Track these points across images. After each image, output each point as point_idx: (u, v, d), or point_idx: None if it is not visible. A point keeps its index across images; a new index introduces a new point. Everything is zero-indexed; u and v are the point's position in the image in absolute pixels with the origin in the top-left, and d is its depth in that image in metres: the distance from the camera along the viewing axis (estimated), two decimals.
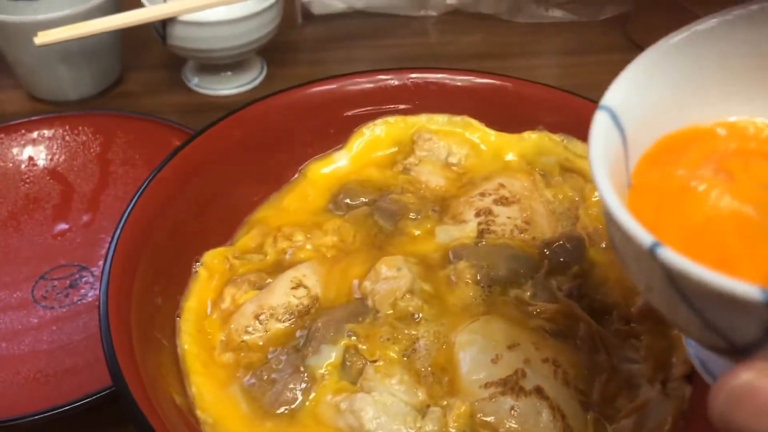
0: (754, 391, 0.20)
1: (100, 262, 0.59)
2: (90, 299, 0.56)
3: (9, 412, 0.45)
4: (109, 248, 0.39)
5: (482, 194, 0.49)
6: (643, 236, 0.24)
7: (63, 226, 0.62)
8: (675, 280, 0.24)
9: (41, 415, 0.43)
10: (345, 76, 0.53)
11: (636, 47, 0.87)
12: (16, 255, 0.59)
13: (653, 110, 0.31)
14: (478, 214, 0.47)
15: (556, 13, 0.93)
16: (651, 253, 0.24)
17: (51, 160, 0.65)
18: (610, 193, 0.26)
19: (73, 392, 0.47)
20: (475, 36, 0.92)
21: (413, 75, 0.53)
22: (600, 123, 0.29)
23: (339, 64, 0.88)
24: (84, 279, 0.58)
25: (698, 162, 0.30)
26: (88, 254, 0.60)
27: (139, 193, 0.42)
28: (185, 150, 0.46)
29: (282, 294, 0.43)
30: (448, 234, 0.47)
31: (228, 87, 0.80)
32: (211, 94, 0.80)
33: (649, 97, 0.31)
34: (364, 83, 0.53)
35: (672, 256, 0.23)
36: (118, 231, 0.40)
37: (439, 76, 0.53)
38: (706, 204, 0.29)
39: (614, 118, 0.30)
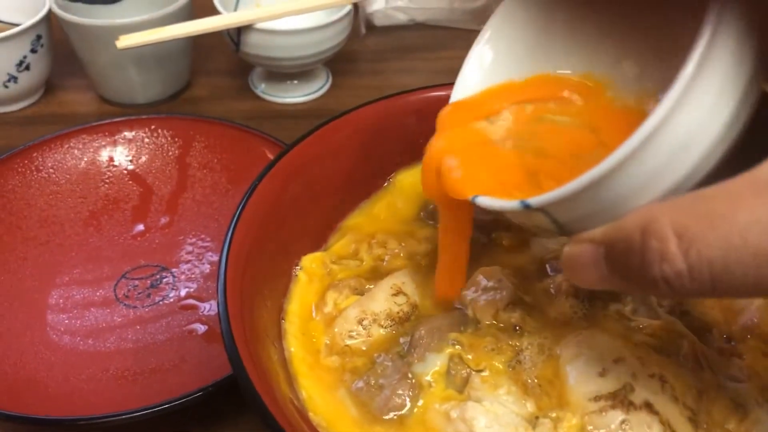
0: (570, 256, 0.30)
1: (181, 264, 0.60)
2: (171, 300, 0.57)
3: (105, 408, 0.45)
4: (222, 249, 0.40)
5: None
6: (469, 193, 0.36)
7: (141, 228, 0.63)
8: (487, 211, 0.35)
9: (143, 412, 0.44)
10: (435, 87, 0.53)
11: None
12: (98, 254, 0.60)
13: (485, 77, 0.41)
14: None
15: None
16: (472, 203, 0.36)
17: (131, 161, 0.66)
18: None
19: (163, 391, 0.48)
20: None
21: None
22: None
23: (400, 75, 0.89)
24: (165, 279, 0.59)
25: (494, 106, 0.41)
26: (168, 256, 0.61)
27: (247, 196, 0.43)
28: (287, 156, 0.46)
29: (383, 300, 0.43)
30: (543, 246, 0.47)
31: (294, 95, 0.81)
32: (277, 101, 0.81)
33: (482, 73, 0.41)
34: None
35: (479, 200, 0.35)
36: (231, 231, 0.40)
37: None
38: (490, 137, 0.40)
39: None
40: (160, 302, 0.57)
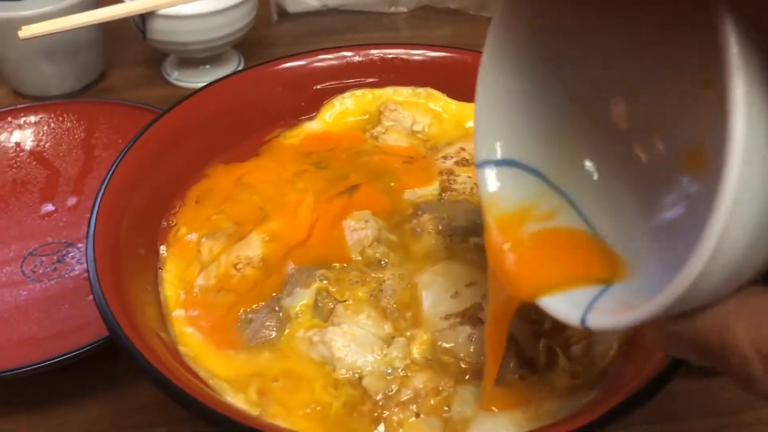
0: (655, 340, 0.29)
1: None
2: (77, 272, 0.59)
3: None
4: (94, 205, 0.42)
5: (444, 157, 0.53)
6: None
7: (49, 208, 0.65)
8: None
9: (33, 367, 0.46)
10: (314, 51, 0.56)
11: None
12: (5, 235, 0.62)
13: None
14: (440, 174, 0.51)
15: None
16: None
17: (37, 146, 0.68)
18: None
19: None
20: (444, 30, 0.97)
21: (379, 51, 0.57)
22: None
23: None
24: (71, 254, 0.61)
25: None
26: (74, 233, 0.62)
27: (119, 159, 0.45)
28: (161, 121, 0.49)
29: (257, 246, 0.46)
30: (414, 192, 0.50)
31: (206, 80, 0.82)
32: (190, 86, 0.83)
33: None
34: (332, 59, 0.56)
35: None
36: (102, 190, 0.43)
37: (403, 51, 0.57)
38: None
39: None
40: (66, 275, 0.59)
